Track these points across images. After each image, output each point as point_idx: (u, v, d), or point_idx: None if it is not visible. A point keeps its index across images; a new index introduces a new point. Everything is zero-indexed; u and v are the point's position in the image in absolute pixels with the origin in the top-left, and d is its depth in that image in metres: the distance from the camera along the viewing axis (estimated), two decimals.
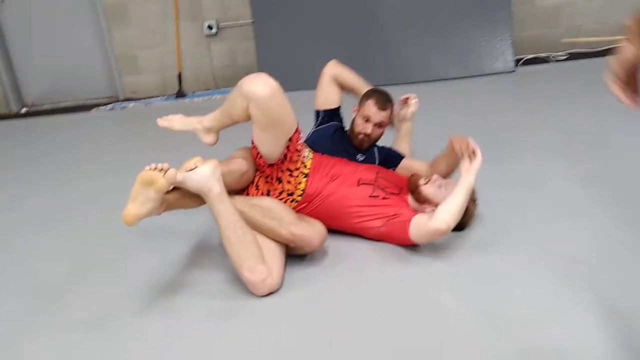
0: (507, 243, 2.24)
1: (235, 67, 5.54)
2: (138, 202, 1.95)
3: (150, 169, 1.97)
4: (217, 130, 2.36)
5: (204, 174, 2.04)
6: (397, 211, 2.24)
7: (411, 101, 2.71)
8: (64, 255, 2.54)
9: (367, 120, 2.55)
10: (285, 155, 2.21)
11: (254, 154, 2.25)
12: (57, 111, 5.52)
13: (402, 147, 2.74)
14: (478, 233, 2.34)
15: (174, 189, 2.07)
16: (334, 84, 2.70)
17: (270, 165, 2.23)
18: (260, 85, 2.04)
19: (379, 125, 2.57)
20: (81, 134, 4.64)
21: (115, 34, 5.49)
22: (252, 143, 2.24)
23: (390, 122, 2.64)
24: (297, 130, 2.21)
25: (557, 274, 1.99)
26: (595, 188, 2.58)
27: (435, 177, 2.36)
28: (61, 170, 3.75)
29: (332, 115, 2.72)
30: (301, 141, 2.28)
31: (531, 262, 2.09)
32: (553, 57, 5.13)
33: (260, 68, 5.19)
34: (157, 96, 5.55)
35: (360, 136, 2.58)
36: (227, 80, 5.55)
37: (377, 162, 2.60)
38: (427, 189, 2.32)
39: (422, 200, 2.31)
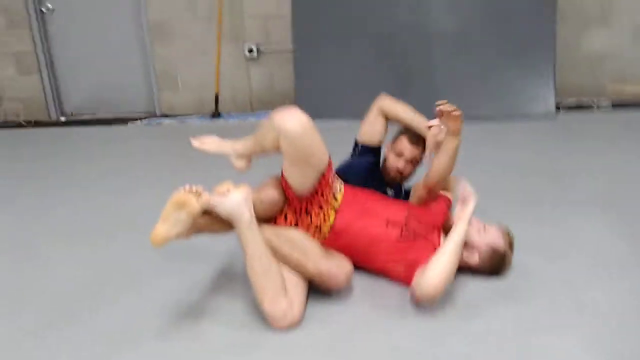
0: (542, 296, 2.14)
1: (272, 92, 5.56)
2: (168, 224, 1.92)
3: (184, 191, 1.93)
4: (249, 157, 2.34)
5: (235, 200, 2.01)
6: (418, 256, 2.16)
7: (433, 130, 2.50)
8: (88, 270, 2.52)
9: (400, 155, 2.53)
10: (316, 190, 2.16)
11: (284, 185, 2.20)
12: (94, 122, 5.60)
13: None
14: (512, 282, 2.24)
15: (205, 213, 2.03)
16: (381, 116, 2.65)
17: (300, 199, 2.18)
18: (291, 121, 1.99)
19: (412, 161, 2.54)
20: (116, 147, 4.68)
21: (158, 50, 5.57)
22: (282, 174, 2.20)
23: (421, 159, 2.59)
24: (329, 165, 2.16)
25: (588, 333, 1.89)
26: (635, 248, 2.47)
27: (473, 220, 2.28)
28: (93, 182, 3.77)
29: (371, 151, 2.68)
30: (332, 176, 2.22)
31: (566, 320, 1.99)
32: (596, 104, 5.01)
33: (298, 95, 5.19)
34: (193, 115, 5.58)
35: (392, 173, 2.55)
36: (264, 104, 5.57)
37: (401, 197, 2.56)
38: (468, 231, 2.24)
39: None
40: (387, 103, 2.64)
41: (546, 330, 1.93)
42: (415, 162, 2.55)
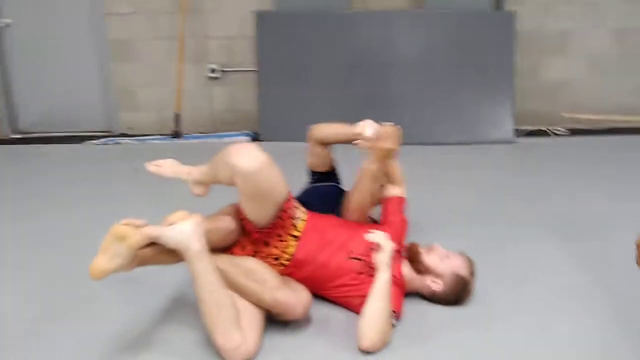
0: (502, 323, 2.14)
1: (235, 113, 5.50)
2: (107, 256, 1.83)
3: (124, 224, 1.85)
4: (207, 184, 2.28)
5: (185, 230, 1.93)
6: None
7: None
8: (31, 296, 2.40)
9: None
10: (275, 223, 2.11)
11: (241, 217, 2.15)
12: (50, 140, 5.42)
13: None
14: (471, 310, 2.25)
15: (150, 243, 1.95)
16: (317, 145, 2.62)
17: (258, 231, 2.12)
18: (246, 159, 1.93)
19: None
20: (69, 166, 4.53)
21: (117, 68, 5.46)
22: (240, 207, 2.14)
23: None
24: (288, 198, 2.11)
25: (546, 357, 1.89)
26: (590, 271, 2.49)
27: (436, 246, 2.29)
28: (43, 202, 3.63)
29: (325, 177, 2.67)
30: (294, 207, 2.17)
31: (520, 343, 2.00)
32: (553, 130, 5.11)
33: (261, 116, 5.15)
34: (153, 134, 5.48)
35: None
36: (226, 125, 5.50)
37: None
38: (430, 260, 2.24)
39: (423, 271, 2.23)
40: (316, 131, 2.61)
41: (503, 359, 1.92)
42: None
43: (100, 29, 5.37)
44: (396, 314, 2.09)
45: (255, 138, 5.20)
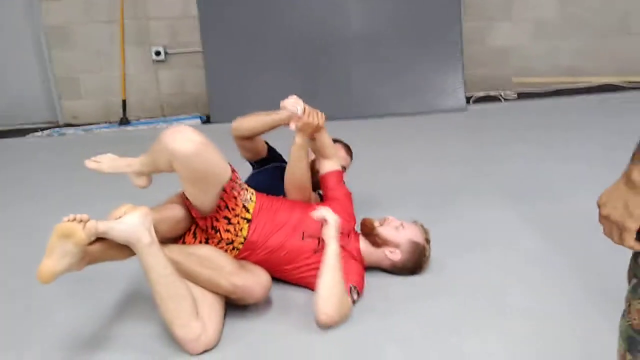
0: (459, 293, 2.16)
1: (183, 96, 5.36)
2: (54, 257, 1.74)
3: (68, 220, 1.77)
4: (149, 174, 2.20)
5: (132, 223, 1.86)
6: (345, 269, 2.11)
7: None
8: None
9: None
10: (219, 206, 2.05)
11: (187, 204, 2.09)
12: None
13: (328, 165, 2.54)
14: (427, 277, 2.27)
15: (99, 239, 1.87)
16: (244, 140, 2.53)
17: (204, 217, 2.07)
18: (182, 143, 1.87)
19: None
20: (13, 162, 4.34)
21: (57, 55, 5.23)
22: (181, 192, 2.08)
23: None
24: (231, 179, 2.05)
25: (507, 325, 1.92)
26: (545, 234, 2.53)
27: (390, 218, 2.31)
28: None
29: (265, 161, 2.62)
30: (238, 187, 2.11)
31: (479, 314, 2.01)
32: (503, 95, 5.18)
33: (210, 97, 5.04)
34: (100, 123, 5.30)
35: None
36: (175, 109, 5.36)
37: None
38: (385, 231, 2.25)
39: (380, 243, 2.23)
40: (238, 127, 2.49)
41: (465, 329, 1.93)
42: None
43: (35, 15, 5.12)
44: (357, 288, 2.08)
45: (206, 120, 5.10)
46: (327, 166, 2.50)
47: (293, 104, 2.31)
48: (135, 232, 1.85)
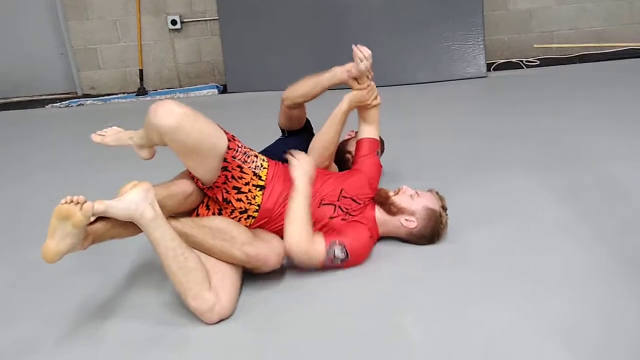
0: (476, 261, 2.13)
1: (200, 65, 5.34)
2: (56, 238, 1.75)
3: (65, 202, 1.76)
4: (150, 146, 2.19)
5: (133, 199, 1.85)
6: (346, 228, 2.12)
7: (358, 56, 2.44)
8: None
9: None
10: (226, 176, 2.03)
11: (192, 177, 2.08)
12: (9, 106, 5.23)
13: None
14: (446, 248, 2.23)
15: (101, 219, 1.86)
16: (294, 110, 2.50)
17: (210, 188, 2.05)
18: (163, 117, 1.85)
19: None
20: (33, 133, 4.38)
21: (74, 26, 5.23)
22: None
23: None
24: (230, 147, 2.02)
25: (524, 296, 1.88)
26: (568, 204, 2.48)
27: (404, 188, 2.28)
28: (6, 172, 3.50)
29: (298, 132, 2.59)
30: (243, 155, 2.07)
31: (499, 283, 1.98)
32: (525, 62, 5.05)
33: (227, 66, 5.00)
34: (118, 93, 5.30)
35: (347, 155, 2.59)
36: (192, 79, 5.34)
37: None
38: (400, 199, 2.23)
39: (396, 211, 2.21)
40: (288, 94, 2.47)
41: (481, 299, 1.91)
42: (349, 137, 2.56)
43: None
44: (344, 246, 2.06)
45: (223, 90, 5.07)
46: (366, 132, 2.48)
47: (362, 56, 2.37)
48: (137, 208, 1.84)
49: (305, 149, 2.47)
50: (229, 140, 2.02)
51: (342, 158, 2.63)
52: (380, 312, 1.89)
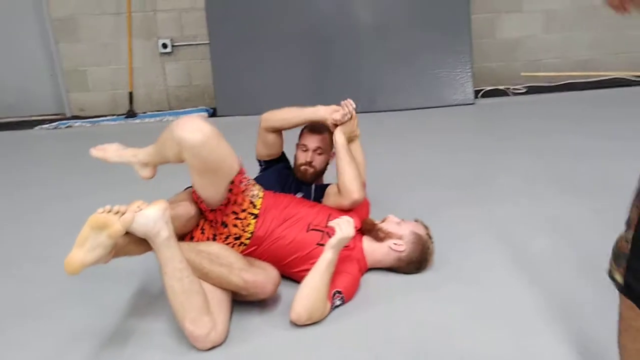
0: (458, 291, 2.13)
1: (190, 88, 5.35)
2: (85, 249, 1.73)
3: (103, 212, 1.75)
4: (155, 165, 2.18)
5: (152, 217, 1.84)
6: (338, 268, 2.08)
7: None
8: None
9: (305, 148, 2.50)
10: (229, 199, 2.04)
11: (195, 198, 2.08)
12: None
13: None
14: (430, 277, 2.24)
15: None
16: (269, 133, 2.54)
17: (213, 210, 2.05)
18: (191, 132, 1.86)
19: (318, 151, 2.50)
20: (22, 154, 4.35)
21: (64, 48, 5.22)
22: (193, 186, 2.07)
23: (330, 149, 2.54)
24: (239, 172, 2.04)
25: (503, 330, 1.88)
26: (557, 233, 2.50)
27: (390, 217, 2.32)
28: None
29: (274, 163, 2.61)
30: (246, 181, 2.11)
31: (478, 313, 1.99)
32: (512, 90, 5.13)
33: (217, 90, 5.02)
34: (107, 115, 5.29)
35: (302, 167, 2.50)
36: (182, 102, 5.35)
37: (311, 198, 2.47)
38: (387, 226, 2.25)
39: (383, 236, 2.22)
40: (267, 116, 2.52)
41: (473, 328, 1.91)
42: (321, 151, 2.51)
43: (42, 7, 5.11)
44: (342, 294, 2.05)
45: (213, 113, 5.08)
46: None
47: (348, 111, 2.39)
48: (155, 226, 1.84)
49: (285, 175, 2.50)
50: (240, 165, 2.04)
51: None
52: (367, 342, 1.88)
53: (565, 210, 2.71)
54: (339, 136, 2.36)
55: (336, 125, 2.39)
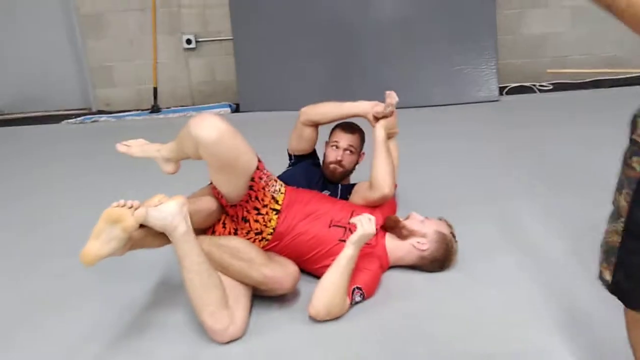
0: (481, 291, 2.11)
1: (214, 84, 5.38)
2: (100, 241, 1.76)
3: (118, 206, 1.78)
4: (177, 160, 2.21)
5: (170, 211, 1.87)
6: (359, 265, 2.09)
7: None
8: (11, 288, 2.34)
9: (336, 146, 2.49)
10: (250, 195, 2.05)
11: (215, 194, 2.09)
12: (25, 120, 5.29)
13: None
14: (454, 276, 2.23)
15: (140, 226, 1.87)
16: (306, 127, 2.55)
17: (233, 206, 2.07)
18: (206, 129, 1.87)
19: (349, 150, 2.49)
20: (48, 148, 4.42)
21: (91, 44, 5.30)
22: (211, 182, 2.09)
23: (360, 149, 2.54)
24: (258, 168, 2.05)
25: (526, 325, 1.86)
26: (580, 234, 2.46)
27: (414, 214, 2.30)
28: (19, 188, 3.53)
29: (305, 158, 2.61)
30: (266, 177, 2.11)
31: (499, 311, 1.97)
32: (538, 86, 5.06)
33: (240, 86, 5.04)
34: (131, 110, 5.35)
35: (332, 165, 2.49)
36: (205, 97, 5.39)
37: (338, 197, 2.47)
38: (411, 223, 2.24)
39: (407, 234, 2.21)
40: (307, 110, 2.54)
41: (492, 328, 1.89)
42: (353, 150, 2.50)
43: (70, 3, 5.18)
44: (362, 290, 2.05)
45: (236, 109, 5.10)
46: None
47: (391, 103, 2.38)
48: (173, 220, 1.87)
49: (312, 171, 2.49)
50: (258, 161, 2.05)
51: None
52: (386, 339, 1.88)
53: (590, 208, 2.66)
54: (379, 131, 2.36)
55: (377, 119, 2.39)
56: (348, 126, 2.50)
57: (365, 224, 2.02)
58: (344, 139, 2.48)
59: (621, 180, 1.28)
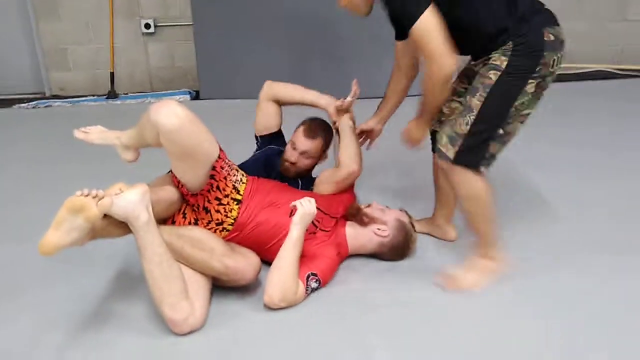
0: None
1: (173, 69, 5.28)
2: (62, 231, 1.70)
3: (81, 195, 1.72)
4: (137, 148, 2.16)
5: (131, 200, 1.82)
6: (315, 252, 2.11)
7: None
8: None
9: (294, 147, 2.43)
10: (211, 185, 2.02)
11: (175, 183, 2.05)
12: None
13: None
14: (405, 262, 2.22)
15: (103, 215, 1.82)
16: (271, 105, 2.53)
17: (194, 195, 2.03)
18: (166, 116, 1.82)
19: (304, 154, 2.44)
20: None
21: (45, 25, 5.11)
22: (171, 171, 2.04)
23: (321, 155, 2.50)
24: (220, 157, 2.02)
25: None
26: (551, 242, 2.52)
27: (375, 203, 2.33)
28: None
29: (271, 140, 2.57)
30: (228, 167, 2.08)
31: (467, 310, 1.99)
32: None
33: (200, 72, 4.96)
34: (87, 95, 5.21)
35: (286, 164, 2.45)
36: (164, 83, 5.28)
37: (299, 188, 2.45)
38: (372, 211, 2.26)
39: (368, 221, 2.23)
40: (271, 84, 2.54)
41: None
42: (308, 156, 2.45)
43: None
44: (317, 276, 2.05)
45: (196, 96, 5.02)
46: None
47: (354, 93, 2.46)
48: (135, 209, 1.82)
49: (271, 160, 2.47)
50: (220, 150, 2.02)
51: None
52: (346, 325, 1.89)
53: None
54: (345, 120, 2.43)
55: (340, 113, 2.43)
56: (310, 130, 2.44)
57: (305, 203, 2.03)
58: (302, 144, 2.42)
59: (476, 88, 1.88)
